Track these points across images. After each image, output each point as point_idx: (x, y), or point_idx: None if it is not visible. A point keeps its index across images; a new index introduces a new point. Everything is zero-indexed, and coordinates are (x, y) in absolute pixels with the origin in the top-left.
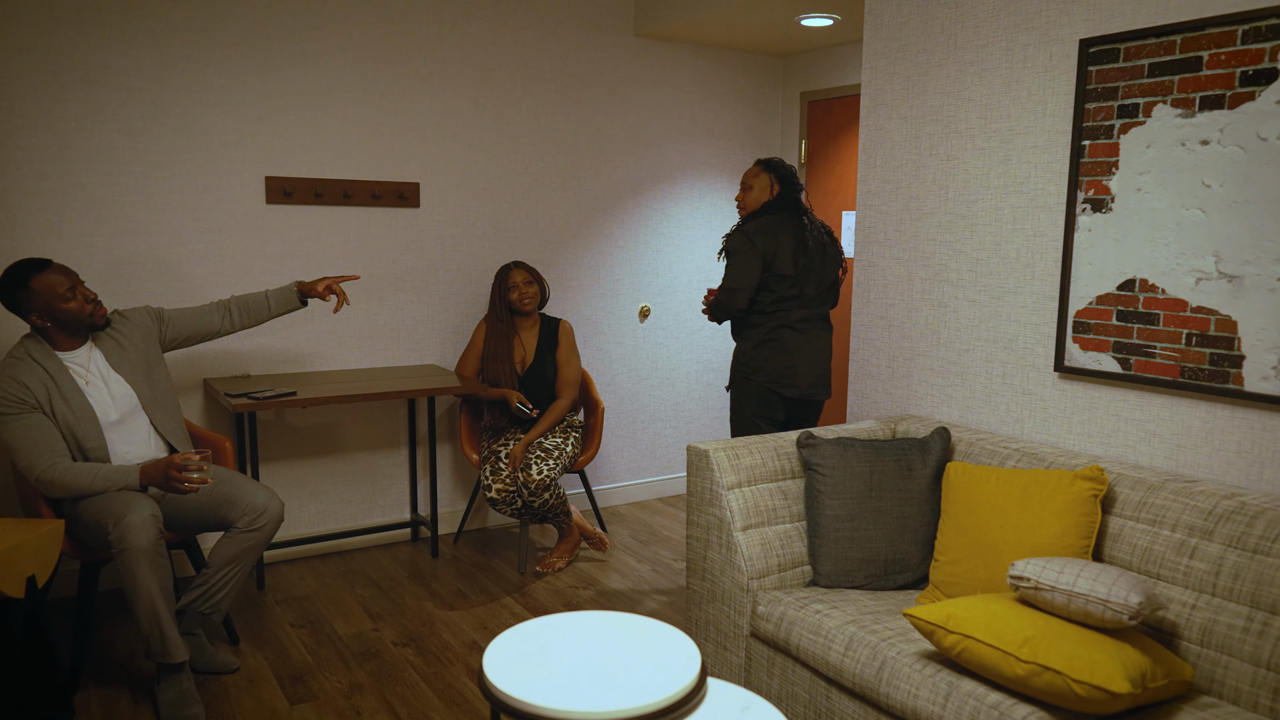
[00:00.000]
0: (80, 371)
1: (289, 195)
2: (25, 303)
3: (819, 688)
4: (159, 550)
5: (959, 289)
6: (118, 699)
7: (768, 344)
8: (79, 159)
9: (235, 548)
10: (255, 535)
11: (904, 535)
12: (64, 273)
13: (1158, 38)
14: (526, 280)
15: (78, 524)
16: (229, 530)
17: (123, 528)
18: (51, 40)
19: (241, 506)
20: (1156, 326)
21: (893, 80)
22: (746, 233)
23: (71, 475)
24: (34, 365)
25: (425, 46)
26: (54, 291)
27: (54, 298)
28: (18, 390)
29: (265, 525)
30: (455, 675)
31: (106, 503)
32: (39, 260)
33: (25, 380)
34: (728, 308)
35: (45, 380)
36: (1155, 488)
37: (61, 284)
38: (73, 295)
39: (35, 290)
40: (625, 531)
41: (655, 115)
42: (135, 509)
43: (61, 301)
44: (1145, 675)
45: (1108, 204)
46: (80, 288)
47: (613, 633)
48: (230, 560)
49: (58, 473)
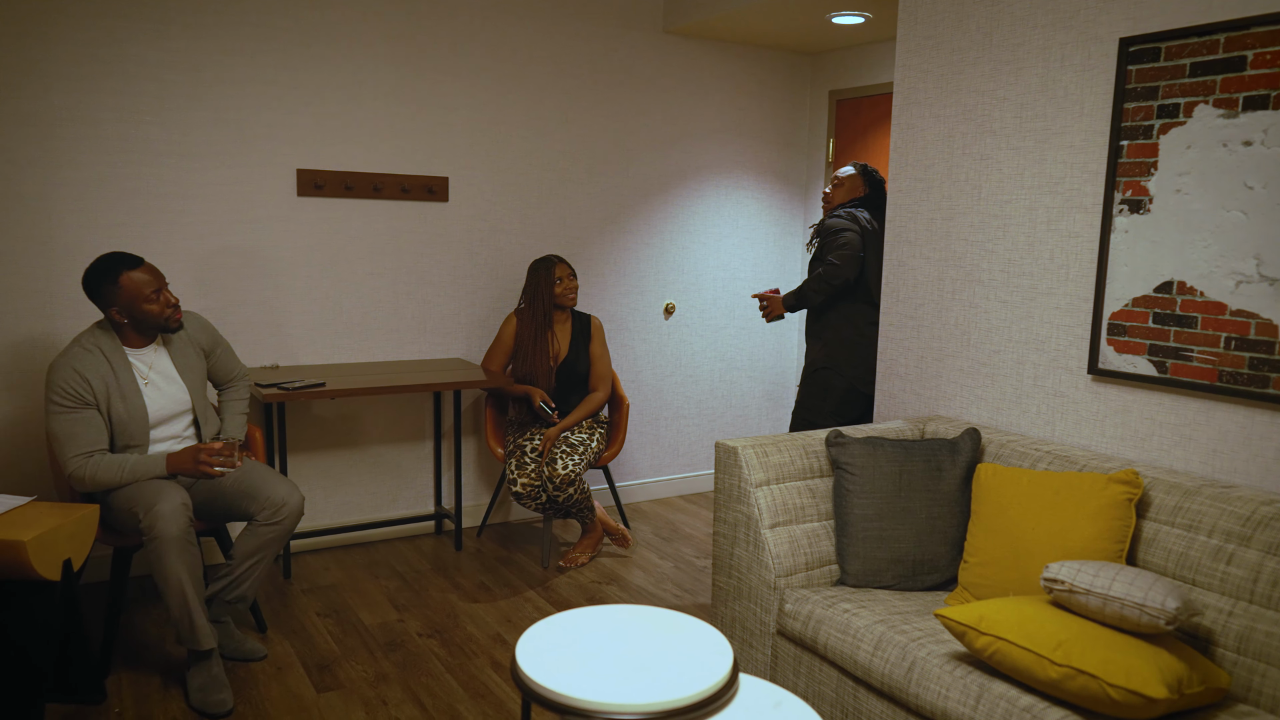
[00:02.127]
0: (143, 370)
1: (320, 188)
2: (109, 296)
3: (846, 687)
4: (189, 538)
5: (990, 289)
6: (148, 683)
7: (856, 342)
8: (114, 150)
9: (256, 540)
10: (275, 529)
11: (933, 536)
12: (153, 274)
13: (1200, 36)
14: (570, 275)
15: (110, 511)
16: (250, 523)
17: (153, 516)
18: (89, 33)
19: (262, 500)
20: (1194, 330)
21: (926, 78)
22: (846, 215)
23: (101, 470)
24: (100, 359)
25: (456, 41)
26: (140, 291)
27: (138, 297)
28: (77, 385)
29: (285, 519)
30: (480, 667)
31: (138, 491)
32: (132, 257)
33: (88, 375)
34: (829, 281)
35: (107, 376)
36: (1191, 492)
37: (149, 285)
38: (156, 298)
39: (123, 286)
40: (648, 528)
41: (683, 112)
42: (166, 497)
43: (145, 302)
44: (1182, 681)
45: (1146, 205)
46: (164, 291)
47: (644, 626)
48: (252, 553)
49: (89, 469)
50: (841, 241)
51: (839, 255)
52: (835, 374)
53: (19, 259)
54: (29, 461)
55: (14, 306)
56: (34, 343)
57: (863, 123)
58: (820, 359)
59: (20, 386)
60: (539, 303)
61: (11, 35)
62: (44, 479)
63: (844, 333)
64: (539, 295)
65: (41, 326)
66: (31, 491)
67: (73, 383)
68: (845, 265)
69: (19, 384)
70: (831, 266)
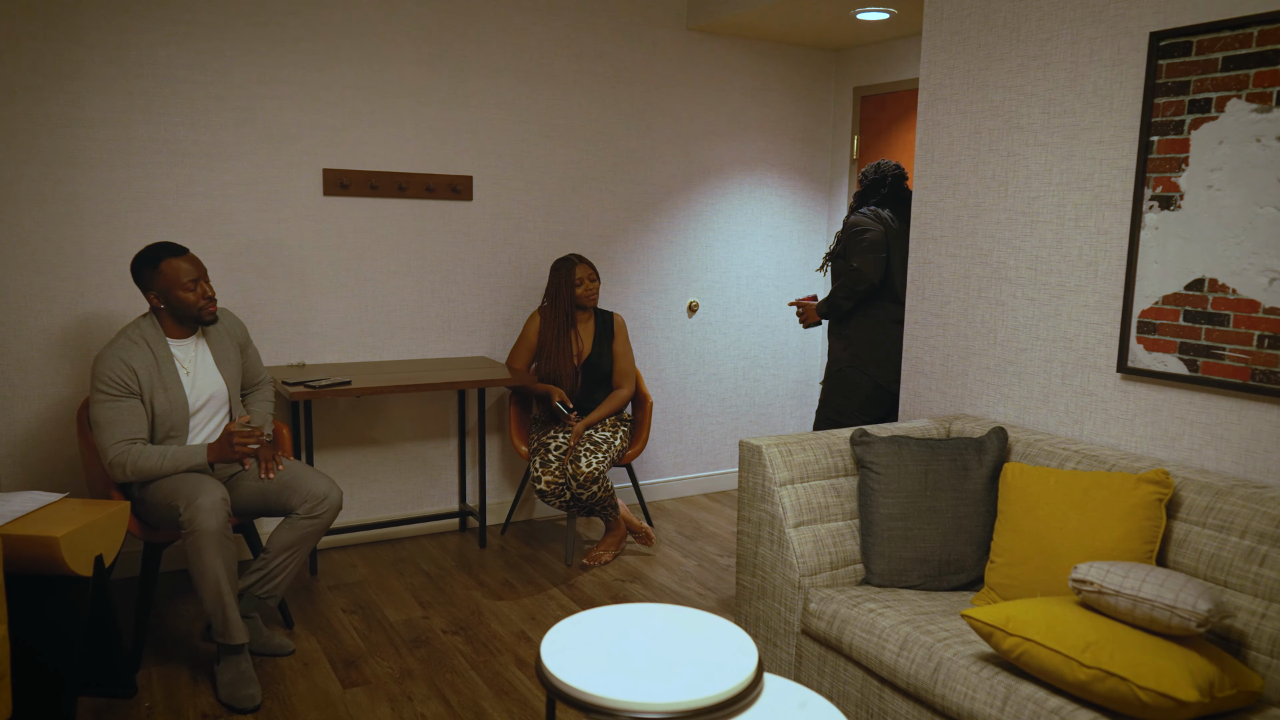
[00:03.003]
0: (184, 360)
1: (345, 187)
2: (150, 280)
3: (871, 687)
4: (227, 533)
5: (1017, 287)
6: (177, 677)
7: (881, 341)
8: (144, 150)
9: (294, 534)
10: (315, 522)
11: (959, 536)
12: (193, 264)
13: (1233, 30)
14: (591, 276)
15: (147, 505)
16: (289, 516)
17: (194, 509)
18: (120, 36)
19: (303, 493)
20: (1226, 328)
21: (952, 74)
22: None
23: (142, 458)
24: (145, 350)
25: (480, 40)
26: (177, 278)
27: (175, 284)
28: (124, 374)
29: (325, 513)
30: (504, 664)
31: (178, 484)
32: (177, 246)
33: (134, 365)
34: (854, 288)
35: (151, 367)
36: (1223, 493)
37: (187, 273)
38: (193, 287)
39: (163, 271)
40: (671, 526)
41: (706, 109)
42: (207, 491)
43: (181, 289)
44: (1213, 684)
45: (1176, 201)
46: (203, 283)
47: (668, 625)
48: (289, 546)
49: (130, 455)
50: (864, 243)
51: (861, 259)
52: (860, 372)
53: (51, 260)
54: (61, 459)
55: (46, 307)
56: (66, 342)
57: (887, 118)
58: (845, 357)
59: (52, 385)
60: (561, 303)
61: (47, 40)
62: (76, 477)
63: (869, 331)
64: (560, 296)
65: (73, 327)
66: (64, 489)
67: (119, 372)
68: (869, 268)
69: (51, 382)
70: (855, 273)
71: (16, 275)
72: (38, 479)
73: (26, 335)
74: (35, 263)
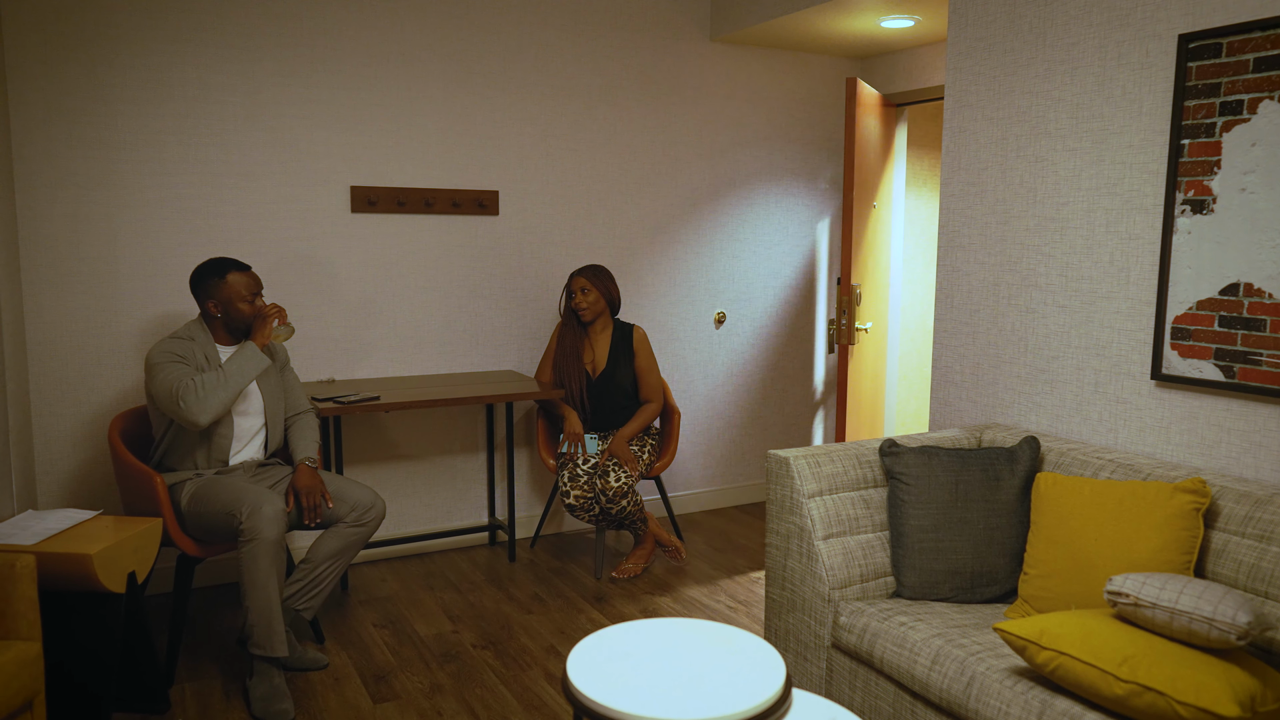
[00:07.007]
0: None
1: (373, 204)
2: (212, 290)
3: (903, 702)
4: (283, 544)
5: (1048, 294)
6: (210, 693)
7: None
8: (175, 170)
9: (340, 542)
10: (361, 530)
11: (991, 547)
12: (254, 279)
13: (1264, 30)
14: (584, 288)
15: (200, 518)
16: (334, 525)
17: (258, 517)
18: (152, 59)
19: (350, 503)
20: (1263, 333)
21: (978, 80)
22: None
23: (204, 387)
24: (196, 348)
25: (504, 56)
26: (239, 291)
27: (236, 296)
28: (181, 349)
29: (371, 521)
30: (534, 679)
31: (240, 493)
32: (240, 263)
33: (184, 355)
34: None
35: (200, 363)
36: (1262, 501)
37: (248, 288)
38: (251, 300)
39: (228, 282)
40: (701, 539)
41: (731, 120)
42: (270, 501)
43: (240, 301)
44: (1255, 699)
45: (1209, 205)
46: (259, 298)
47: (695, 640)
48: (333, 554)
49: (195, 386)
50: None
51: None
52: None
53: (85, 280)
54: (95, 477)
55: (79, 326)
56: (100, 361)
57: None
58: None
59: (86, 404)
60: (568, 314)
61: (83, 63)
62: (111, 494)
63: None
64: (567, 307)
65: (107, 345)
66: (98, 506)
67: (176, 349)
68: None
69: (85, 400)
70: None
71: (51, 295)
72: (73, 497)
73: (61, 354)
74: (69, 283)
